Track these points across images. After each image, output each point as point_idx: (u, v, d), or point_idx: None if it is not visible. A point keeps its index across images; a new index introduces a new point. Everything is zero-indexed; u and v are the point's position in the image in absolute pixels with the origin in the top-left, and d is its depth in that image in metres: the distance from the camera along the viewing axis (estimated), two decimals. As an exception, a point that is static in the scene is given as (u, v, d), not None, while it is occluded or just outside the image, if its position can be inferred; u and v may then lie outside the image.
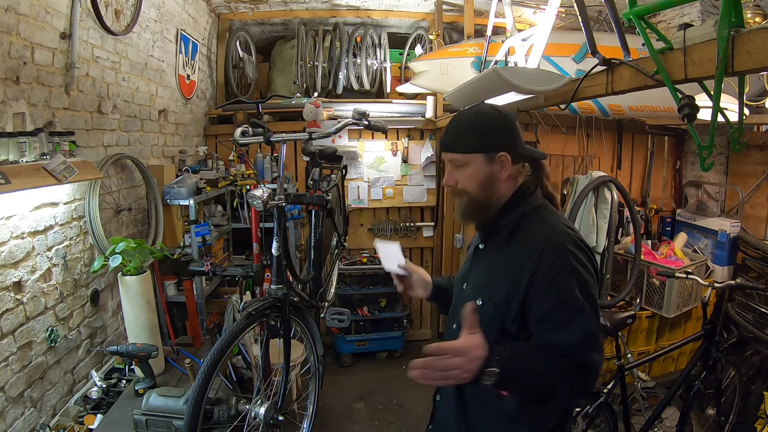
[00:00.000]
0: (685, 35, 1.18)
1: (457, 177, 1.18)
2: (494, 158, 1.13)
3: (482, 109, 1.19)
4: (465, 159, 1.15)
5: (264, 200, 1.84)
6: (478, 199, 1.16)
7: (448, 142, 1.19)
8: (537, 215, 1.16)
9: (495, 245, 1.21)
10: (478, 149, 1.14)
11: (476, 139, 1.14)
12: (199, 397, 1.55)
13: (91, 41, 2.21)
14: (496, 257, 1.19)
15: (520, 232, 1.14)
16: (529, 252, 1.07)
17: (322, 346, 2.21)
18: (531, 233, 1.12)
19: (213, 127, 3.98)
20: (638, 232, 3.32)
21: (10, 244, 1.69)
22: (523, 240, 1.12)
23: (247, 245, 3.21)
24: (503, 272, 1.12)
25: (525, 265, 1.06)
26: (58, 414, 1.92)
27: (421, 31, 4.35)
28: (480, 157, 1.14)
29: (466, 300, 1.17)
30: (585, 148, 4.00)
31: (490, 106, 1.20)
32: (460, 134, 1.16)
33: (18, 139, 1.67)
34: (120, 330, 2.42)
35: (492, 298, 1.12)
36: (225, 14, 4.14)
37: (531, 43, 2.23)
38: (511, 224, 1.16)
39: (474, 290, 1.20)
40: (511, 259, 1.11)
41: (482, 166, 1.14)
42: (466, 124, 1.17)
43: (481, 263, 1.24)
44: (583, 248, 1.07)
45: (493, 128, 1.15)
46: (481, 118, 1.16)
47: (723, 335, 2.59)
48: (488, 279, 1.17)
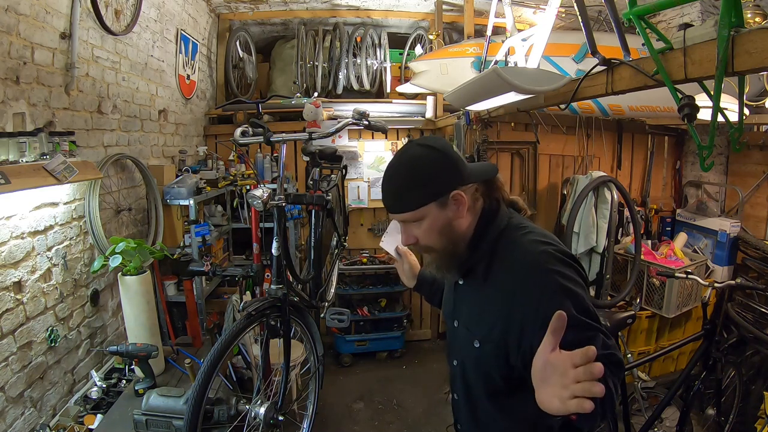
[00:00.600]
0: (685, 35, 1.18)
1: (415, 234, 1.06)
2: (447, 201, 1.02)
3: (412, 154, 1.04)
4: (416, 215, 1.03)
5: (264, 200, 1.84)
6: (446, 249, 1.06)
7: (392, 205, 1.06)
8: (508, 237, 1.05)
9: (474, 282, 1.11)
10: (426, 200, 1.01)
11: (419, 191, 1.01)
12: (199, 397, 1.55)
13: (91, 41, 2.21)
14: (479, 295, 1.10)
15: (496, 264, 1.04)
16: (512, 286, 0.99)
17: (322, 346, 2.21)
18: (508, 262, 1.02)
19: (213, 127, 3.98)
20: (638, 232, 3.32)
21: (10, 244, 1.69)
22: (501, 272, 1.03)
23: (247, 245, 3.21)
24: (491, 312, 1.04)
25: (513, 303, 0.98)
26: (58, 414, 1.92)
27: (421, 31, 4.36)
28: (431, 207, 1.01)
29: (461, 340, 1.15)
30: (585, 148, 3.99)
31: (417, 146, 1.06)
32: (400, 192, 1.03)
33: (18, 139, 1.67)
34: (120, 330, 2.42)
35: (489, 339, 1.05)
36: (225, 14, 4.14)
37: (531, 43, 2.23)
38: (485, 258, 1.06)
39: (467, 331, 1.13)
40: (495, 296, 1.03)
41: (437, 214, 1.02)
42: (401, 180, 1.04)
43: (465, 300, 1.16)
44: (567, 261, 0.98)
45: (433, 171, 1.01)
46: (415, 166, 1.02)
47: (723, 335, 2.58)
48: (478, 319, 1.09)
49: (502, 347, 1.01)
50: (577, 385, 0.69)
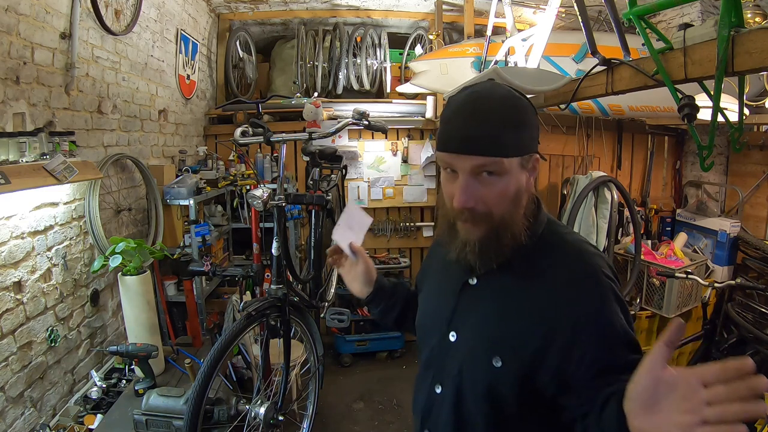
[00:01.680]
0: (685, 35, 1.18)
1: (481, 193, 0.79)
2: (528, 162, 0.82)
3: (507, 91, 0.82)
4: (504, 165, 0.78)
5: (264, 200, 1.84)
6: (506, 223, 0.82)
7: (478, 139, 0.77)
8: (551, 232, 0.88)
9: (500, 281, 0.87)
10: (518, 150, 0.79)
11: (516, 134, 0.78)
12: (199, 397, 1.55)
13: (91, 41, 2.21)
14: (509, 299, 0.85)
15: (541, 260, 0.85)
16: (564, 286, 0.81)
17: (322, 346, 2.21)
18: (557, 259, 0.84)
19: (213, 127, 3.98)
20: (638, 232, 3.32)
21: (10, 244, 1.69)
22: (545, 270, 0.83)
23: (247, 245, 3.21)
24: (530, 317, 0.82)
25: (562, 306, 0.79)
26: (58, 414, 1.92)
27: (421, 31, 4.35)
28: (516, 161, 0.79)
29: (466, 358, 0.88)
30: (585, 148, 3.99)
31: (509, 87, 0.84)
32: (493, 128, 0.77)
33: (18, 139, 1.67)
34: (120, 330, 2.42)
35: (518, 354, 0.81)
36: (225, 14, 4.14)
37: (531, 43, 2.23)
38: (525, 249, 0.84)
39: (480, 345, 0.86)
40: (538, 298, 0.82)
41: (518, 175, 0.80)
42: (501, 113, 0.78)
43: (480, 307, 0.89)
44: (613, 269, 0.86)
45: (529, 119, 0.81)
46: (516, 105, 0.80)
47: (723, 335, 2.58)
48: (506, 330, 0.84)
49: (534, 364, 0.80)
50: (716, 409, 0.51)
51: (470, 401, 0.87)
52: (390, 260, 3.96)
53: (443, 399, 0.92)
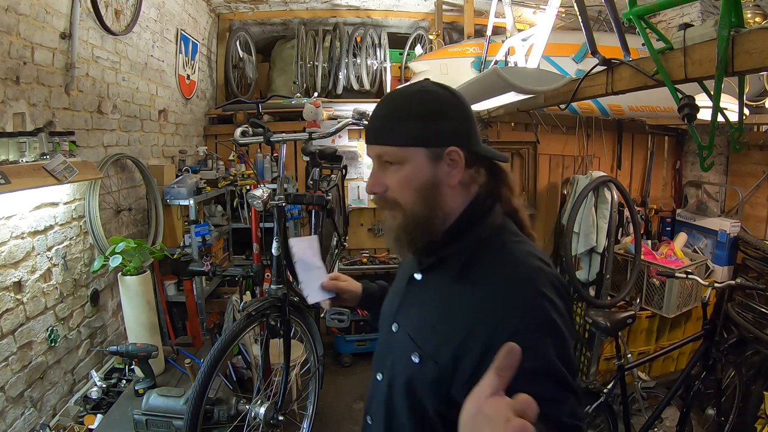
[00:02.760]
0: (685, 35, 1.18)
1: (386, 180, 0.84)
2: (441, 155, 0.81)
3: (426, 86, 0.85)
4: (399, 154, 0.82)
5: (264, 200, 1.84)
6: (416, 215, 0.83)
7: (376, 130, 0.85)
8: (499, 242, 0.84)
9: (439, 280, 0.87)
10: (420, 141, 0.81)
11: (417, 125, 0.81)
12: (199, 397, 1.55)
13: (91, 41, 2.21)
14: (440, 298, 0.85)
15: (477, 266, 0.82)
16: (491, 297, 0.77)
17: (322, 346, 2.21)
18: (493, 269, 0.81)
19: (213, 127, 3.98)
20: (638, 232, 3.32)
21: (10, 244, 1.69)
22: (481, 278, 0.81)
23: (247, 245, 3.21)
24: (452, 322, 0.80)
25: (485, 316, 0.76)
26: (58, 414, 1.92)
27: (421, 31, 4.35)
28: (421, 152, 0.81)
29: (397, 349, 0.90)
30: (585, 148, 4.00)
31: (437, 84, 0.86)
32: (393, 119, 0.83)
33: (18, 139, 1.67)
34: (120, 330, 2.42)
35: (435, 356, 0.81)
36: (225, 14, 4.14)
37: (531, 43, 2.23)
38: (465, 254, 0.83)
39: (408, 340, 0.87)
40: (464, 304, 0.80)
41: (424, 165, 0.81)
42: (398, 105, 0.84)
43: (418, 301, 0.91)
44: (561, 291, 0.79)
45: (442, 111, 0.82)
46: (425, 98, 0.83)
47: (723, 335, 2.58)
48: (429, 329, 0.84)
49: (447, 370, 0.78)
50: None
51: (397, 394, 0.89)
52: (390, 260, 3.96)
53: (380, 388, 0.94)
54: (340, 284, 1.11)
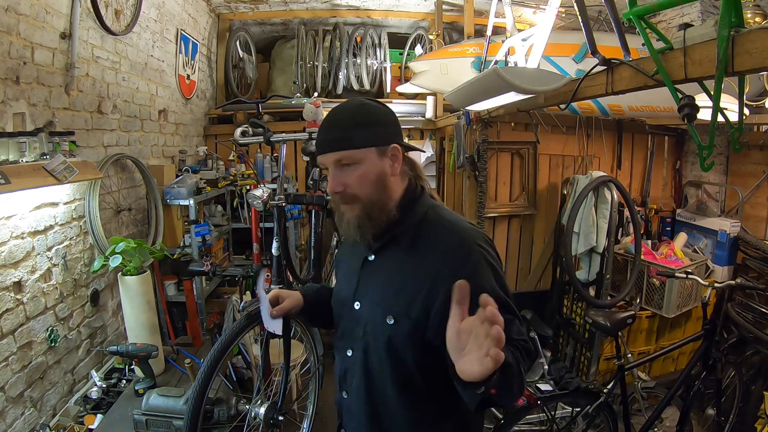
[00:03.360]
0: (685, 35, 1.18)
1: (345, 180, 1.00)
2: (386, 152, 1.01)
3: (363, 101, 1.06)
4: (355, 156, 0.99)
5: (264, 200, 1.84)
6: (374, 203, 1.01)
7: (333, 140, 1.00)
8: (434, 215, 1.05)
9: (392, 255, 1.06)
10: (370, 142, 0.99)
11: (365, 131, 0.99)
12: (199, 397, 1.54)
13: (91, 41, 2.21)
14: (399, 267, 1.04)
15: (424, 236, 1.03)
16: (442, 254, 0.98)
17: (322, 346, 2.21)
18: (437, 234, 1.02)
19: (213, 127, 3.98)
20: (638, 232, 3.31)
21: (10, 244, 1.69)
22: (429, 243, 1.01)
23: (247, 245, 3.21)
24: (415, 282, 0.99)
25: (441, 269, 0.96)
26: (58, 414, 1.92)
27: (421, 31, 4.35)
28: (372, 152, 0.99)
29: (367, 320, 1.05)
30: (585, 148, 3.99)
31: (366, 99, 1.08)
32: (346, 128, 1.00)
33: (18, 139, 1.67)
34: (120, 330, 2.42)
35: (407, 313, 0.99)
36: (225, 14, 4.14)
37: (531, 43, 2.23)
38: (412, 229, 1.04)
39: (378, 308, 1.04)
40: (420, 266, 1.00)
41: (375, 162, 1.00)
42: (349, 117, 1.02)
43: (376, 277, 1.07)
44: (489, 242, 1.03)
45: (381, 118, 1.03)
46: (365, 110, 1.03)
47: (723, 335, 2.58)
48: (396, 292, 1.02)
49: (420, 323, 0.97)
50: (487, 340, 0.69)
51: (375, 359, 1.04)
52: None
53: (354, 361, 1.08)
54: (284, 307, 1.18)
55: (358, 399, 1.07)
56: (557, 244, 3.44)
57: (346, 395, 1.11)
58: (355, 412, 1.09)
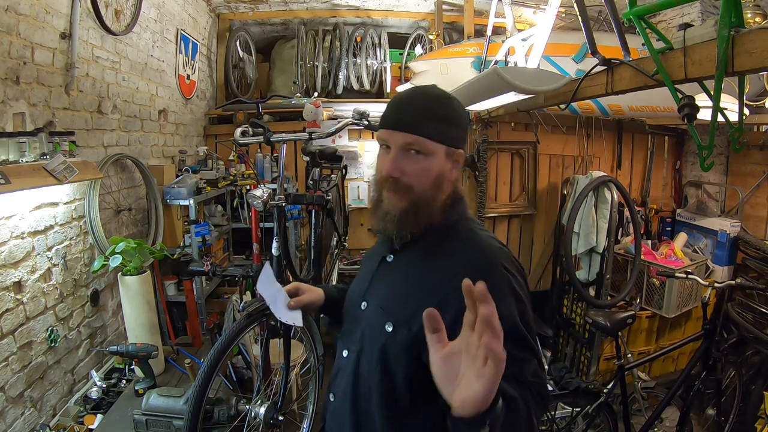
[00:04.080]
0: (685, 35, 1.18)
1: (405, 167, 0.92)
2: (453, 155, 0.95)
3: (447, 93, 0.97)
4: (430, 147, 0.92)
5: (264, 200, 1.84)
6: (426, 200, 0.94)
7: (410, 121, 0.92)
8: (464, 226, 0.98)
9: (410, 256, 0.98)
10: (445, 140, 0.93)
11: (444, 126, 0.93)
12: (199, 397, 1.54)
13: (91, 41, 2.21)
14: (412, 273, 0.95)
15: (447, 243, 0.95)
16: (459, 268, 0.86)
17: (322, 346, 2.21)
18: (460, 246, 0.94)
19: (213, 127, 3.98)
20: (638, 232, 3.32)
21: (10, 244, 1.69)
22: (450, 253, 0.93)
23: (247, 245, 3.21)
24: (424, 292, 0.90)
25: (453, 288, 0.76)
26: (58, 414, 1.92)
27: (421, 31, 4.35)
28: (442, 149, 0.93)
29: (367, 323, 0.97)
30: (585, 148, 3.99)
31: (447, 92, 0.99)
32: (425, 114, 0.92)
33: (18, 139, 1.67)
34: (120, 330, 2.42)
35: (408, 323, 0.89)
36: (225, 14, 4.14)
37: (531, 43, 2.23)
38: (438, 234, 0.96)
39: (380, 312, 0.95)
40: (434, 276, 0.91)
41: (441, 160, 0.94)
42: (434, 105, 0.94)
43: (388, 278, 1.00)
44: (519, 269, 0.93)
45: (460, 119, 0.97)
46: (448, 104, 0.95)
47: (723, 335, 2.58)
48: (402, 299, 0.93)
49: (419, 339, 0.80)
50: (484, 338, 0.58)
51: (365, 365, 0.95)
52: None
53: (347, 363, 1.00)
54: (303, 299, 1.10)
55: (342, 403, 0.99)
56: (557, 244, 3.44)
57: (333, 398, 1.04)
58: (339, 417, 1.00)
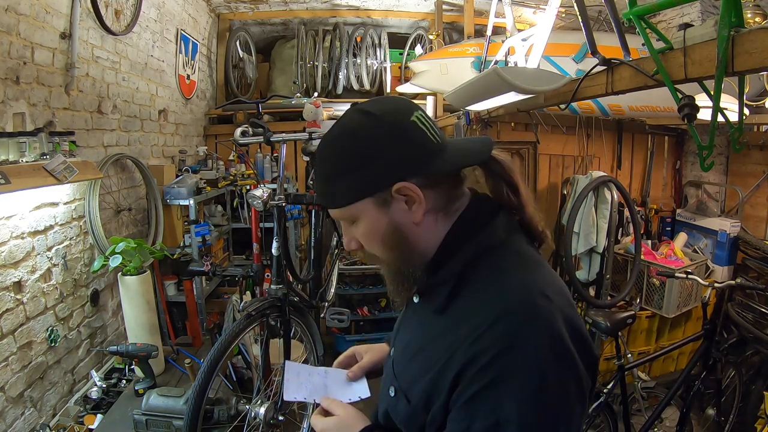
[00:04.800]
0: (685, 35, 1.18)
1: (355, 235, 0.76)
2: (387, 198, 0.69)
3: (345, 124, 0.72)
4: (348, 214, 0.73)
5: (264, 200, 1.84)
6: (392, 264, 0.75)
7: (319, 193, 0.76)
8: (490, 266, 0.69)
9: (425, 309, 0.77)
10: (360, 194, 0.70)
11: (347, 180, 0.70)
12: (199, 397, 1.54)
13: (91, 41, 2.21)
14: (423, 329, 0.76)
15: (463, 295, 0.70)
16: (468, 331, 0.64)
17: (322, 346, 2.21)
18: (479, 298, 0.67)
19: (213, 127, 3.98)
20: (638, 232, 3.32)
21: (10, 244, 1.69)
22: (464, 311, 0.68)
23: (247, 245, 3.21)
24: (428, 358, 0.70)
25: (457, 353, 0.64)
26: (58, 414, 1.92)
27: (421, 31, 4.36)
28: (367, 203, 0.70)
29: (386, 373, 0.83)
30: (585, 148, 3.99)
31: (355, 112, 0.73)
32: (326, 180, 0.73)
33: (18, 139, 1.67)
34: (120, 330, 2.42)
35: (408, 392, 0.72)
36: (225, 14, 4.14)
37: (531, 43, 2.23)
38: (450, 281, 0.71)
39: (390, 368, 0.81)
40: (441, 340, 0.69)
41: (375, 216, 0.71)
42: (327, 163, 0.73)
43: (410, 325, 0.82)
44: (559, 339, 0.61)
45: (367, 153, 0.69)
46: (345, 145, 0.71)
47: (723, 335, 2.58)
48: (408, 359, 0.76)
49: (418, 411, 0.69)
50: None
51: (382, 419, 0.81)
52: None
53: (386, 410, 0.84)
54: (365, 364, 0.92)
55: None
56: (557, 244, 3.44)
57: None
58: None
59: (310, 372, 0.88)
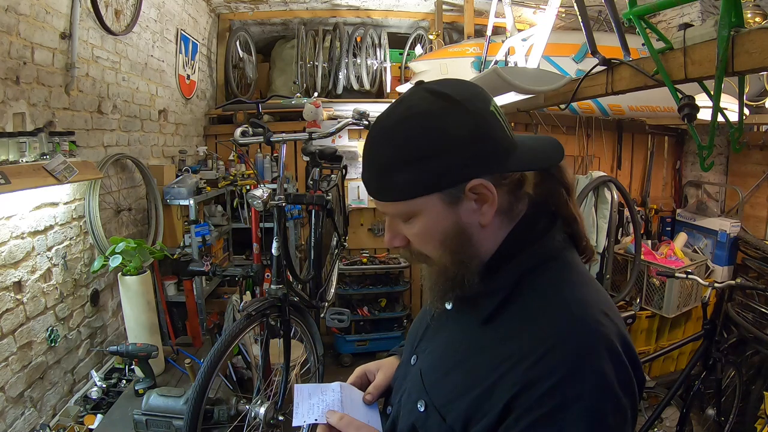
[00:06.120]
0: (685, 35, 1.19)
1: (404, 233, 0.68)
2: (460, 196, 0.62)
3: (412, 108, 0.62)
4: (407, 209, 0.64)
5: (264, 200, 1.84)
6: (447, 268, 0.66)
7: (373, 183, 0.67)
8: (547, 279, 0.64)
9: (467, 318, 0.69)
10: (427, 188, 0.62)
11: (414, 171, 0.61)
12: (199, 397, 1.54)
13: (91, 41, 2.21)
14: (463, 341, 0.68)
15: (516, 303, 0.64)
16: (524, 349, 0.59)
17: (322, 346, 2.21)
18: (534, 312, 0.62)
19: (213, 127, 3.98)
20: (638, 232, 3.32)
21: (10, 244, 1.69)
22: (515, 326, 0.62)
23: (247, 245, 3.21)
24: (471, 374, 0.63)
25: (510, 372, 0.58)
26: (58, 414, 1.92)
27: (421, 31, 4.36)
28: (434, 198, 0.62)
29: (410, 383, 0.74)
30: (585, 148, 4.00)
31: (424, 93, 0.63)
32: (384, 170, 0.64)
33: (18, 139, 1.67)
34: (120, 330, 2.42)
35: (443, 410, 0.65)
36: (225, 14, 4.14)
37: (531, 43, 2.23)
38: (501, 292, 0.64)
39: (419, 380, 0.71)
40: (487, 355, 0.63)
41: (441, 213, 0.63)
42: (387, 149, 0.63)
43: (442, 335, 0.74)
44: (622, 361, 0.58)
45: (441, 139, 0.60)
46: (413, 132, 0.61)
47: (723, 335, 2.58)
48: (443, 373, 0.68)
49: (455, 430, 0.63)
50: None
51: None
52: (390, 260, 3.96)
53: (390, 421, 0.78)
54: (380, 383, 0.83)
55: None
56: (557, 244, 3.44)
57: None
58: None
59: (323, 390, 0.82)
